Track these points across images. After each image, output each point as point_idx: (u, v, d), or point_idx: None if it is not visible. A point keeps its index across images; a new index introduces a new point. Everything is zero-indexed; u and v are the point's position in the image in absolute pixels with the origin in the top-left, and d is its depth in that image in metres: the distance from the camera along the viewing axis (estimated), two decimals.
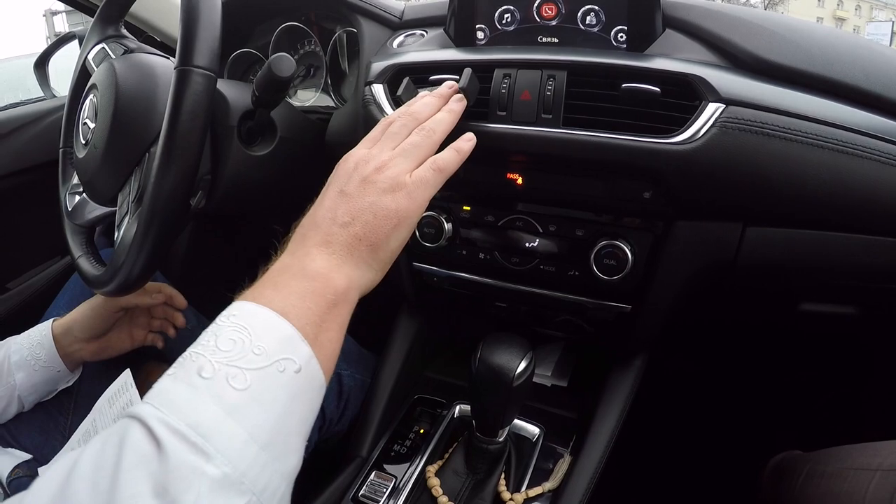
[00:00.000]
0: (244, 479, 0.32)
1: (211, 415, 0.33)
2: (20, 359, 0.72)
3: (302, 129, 0.75)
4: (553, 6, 0.66)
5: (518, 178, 0.62)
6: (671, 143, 0.54)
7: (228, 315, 0.38)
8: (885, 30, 20.47)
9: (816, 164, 0.55)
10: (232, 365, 0.34)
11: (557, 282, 0.66)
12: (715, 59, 0.61)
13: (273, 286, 0.40)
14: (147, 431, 0.31)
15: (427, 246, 0.69)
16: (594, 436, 0.68)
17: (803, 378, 1.08)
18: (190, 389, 0.33)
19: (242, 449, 0.33)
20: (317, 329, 0.39)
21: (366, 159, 0.46)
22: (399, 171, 0.45)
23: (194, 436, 0.31)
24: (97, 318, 0.75)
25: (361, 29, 0.78)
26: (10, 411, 0.74)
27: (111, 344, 0.78)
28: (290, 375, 0.36)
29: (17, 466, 0.69)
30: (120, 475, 0.30)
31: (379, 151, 0.47)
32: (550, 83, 0.58)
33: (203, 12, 0.56)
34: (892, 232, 0.58)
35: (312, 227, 0.44)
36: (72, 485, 0.30)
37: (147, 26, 1.06)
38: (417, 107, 0.51)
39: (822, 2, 31.02)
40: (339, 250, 0.43)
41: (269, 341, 0.36)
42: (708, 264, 0.63)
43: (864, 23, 28.07)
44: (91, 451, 0.32)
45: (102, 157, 0.64)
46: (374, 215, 0.44)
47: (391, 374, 0.78)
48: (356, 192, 0.45)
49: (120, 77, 0.64)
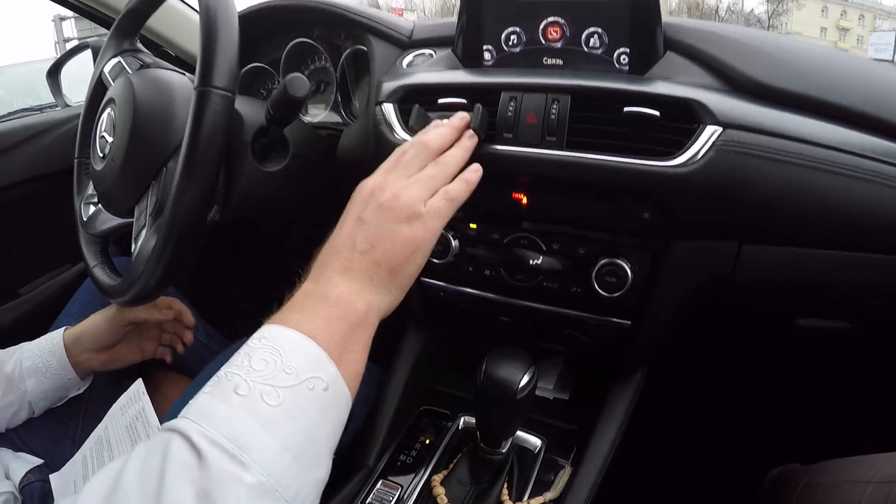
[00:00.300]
0: (278, 487, 0.35)
1: (247, 428, 0.35)
2: (32, 365, 0.74)
3: (313, 145, 0.77)
4: (558, 29, 0.67)
5: (523, 197, 0.64)
6: (669, 166, 0.56)
7: (260, 337, 0.41)
8: (889, 39, 20.44)
9: (812, 185, 0.57)
10: (266, 383, 0.37)
11: (560, 298, 0.68)
12: (714, 82, 0.63)
13: (300, 310, 0.43)
14: (188, 443, 0.34)
15: (435, 262, 0.71)
16: (594, 448, 0.69)
17: (802, 392, 1.09)
18: (227, 406, 0.36)
19: (276, 459, 0.35)
20: (341, 349, 0.42)
21: (381, 187, 0.48)
22: (415, 199, 0.47)
23: (232, 447, 0.34)
24: (107, 329, 0.77)
25: (371, 47, 0.80)
26: (21, 416, 0.75)
27: (121, 355, 0.80)
28: (318, 392, 0.39)
29: (30, 472, 0.70)
30: (165, 483, 0.32)
31: (394, 180, 0.49)
32: (555, 107, 0.60)
33: (222, 35, 0.58)
34: (887, 249, 0.59)
35: (333, 254, 0.46)
36: (120, 491, 0.32)
37: (162, 40, 1.08)
38: (431, 137, 0.53)
39: (825, 12, 31.04)
40: (359, 276, 0.45)
41: (298, 361, 0.39)
42: (705, 281, 0.64)
43: (867, 32, 28.08)
44: (135, 461, 0.34)
45: (120, 171, 0.66)
46: (393, 242, 0.46)
47: (398, 387, 0.80)
48: (374, 220, 0.46)
49: (138, 93, 0.66)
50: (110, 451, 0.70)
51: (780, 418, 1.08)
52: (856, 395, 1.05)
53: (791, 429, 1.06)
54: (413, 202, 0.47)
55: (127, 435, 0.70)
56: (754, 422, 1.09)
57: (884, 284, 0.62)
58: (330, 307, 0.43)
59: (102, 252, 0.78)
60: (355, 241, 0.46)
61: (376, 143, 0.69)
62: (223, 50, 0.58)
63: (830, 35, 31.49)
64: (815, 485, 0.75)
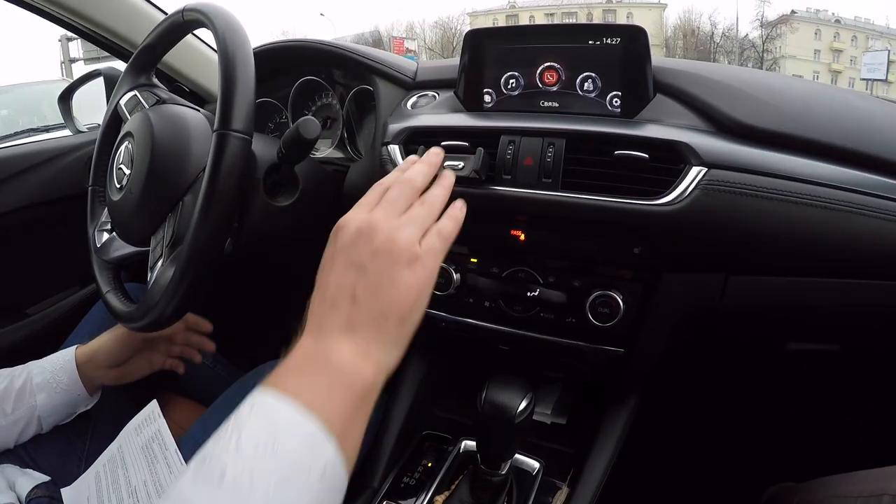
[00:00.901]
0: None
1: None
2: (42, 381, 0.75)
3: (322, 181, 0.80)
4: (554, 73, 0.71)
5: (521, 234, 0.68)
6: (657, 205, 0.60)
7: (252, 405, 0.36)
8: (882, 59, 20.71)
9: (794, 219, 0.60)
10: (255, 468, 0.33)
11: (556, 328, 0.71)
12: (701, 123, 0.66)
13: (298, 374, 0.38)
14: None
15: (437, 294, 0.74)
16: (590, 469, 0.71)
17: (798, 412, 1.11)
18: (210, 493, 0.32)
19: None
20: (344, 426, 0.37)
21: (371, 227, 0.44)
22: (412, 241, 0.44)
23: None
24: (120, 346, 0.78)
25: (377, 88, 0.84)
26: (29, 432, 0.76)
27: (131, 371, 0.80)
28: (314, 479, 0.34)
29: (37, 487, 0.70)
30: None
31: (384, 219, 0.44)
32: (550, 150, 0.64)
33: (240, 79, 0.61)
34: (869, 275, 0.62)
35: (330, 308, 0.41)
36: None
37: (177, 74, 1.11)
38: (411, 174, 0.50)
39: (818, 35, 31.46)
40: (365, 334, 0.40)
41: (293, 443, 0.34)
42: (693, 311, 0.68)
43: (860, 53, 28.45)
44: None
45: (138, 203, 0.69)
46: (397, 290, 0.42)
47: (401, 412, 0.82)
48: (373, 267, 0.42)
49: (156, 128, 0.68)
50: (125, 470, 0.72)
51: (776, 437, 1.10)
52: (850, 412, 1.06)
53: (787, 447, 1.07)
54: (411, 244, 0.44)
55: (143, 455, 0.72)
56: (750, 441, 1.11)
57: (870, 307, 0.65)
58: (333, 375, 0.38)
59: (115, 278, 0.80)
60: (355, 291, 0.41)
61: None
62: (241, 95, 0.61)
63: (824, 57, 31.85)
64: (807, 502, 0.78)
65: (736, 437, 1.12)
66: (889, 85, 21.55)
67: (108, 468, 0.74)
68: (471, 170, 0.59)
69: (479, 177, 0.61)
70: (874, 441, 0.97)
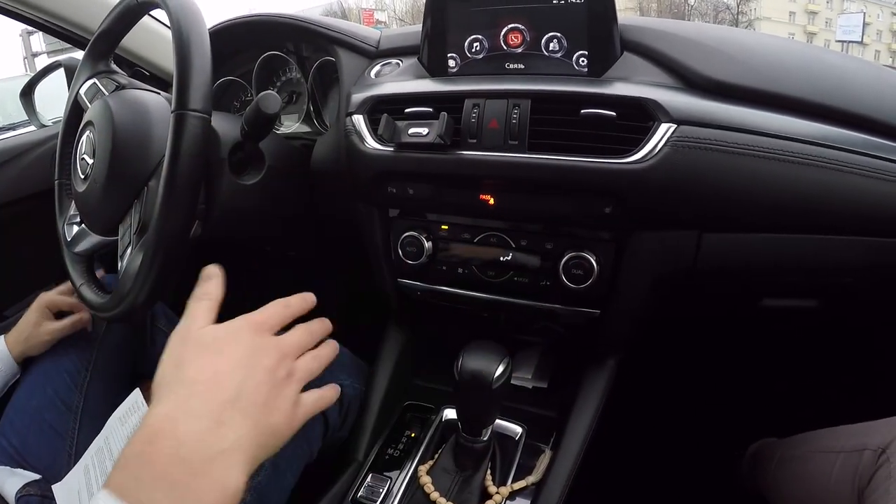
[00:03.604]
0: None
1: None
2: None
3: (288, 157, 0.79)
4: (518, 35, 0.70)
5: (490, 198, 0.67)
6: (627, 163, 0.59)
7: None
8: (857, 21, 20.72)
9: (765, 174, 0.60)
10: None
11: (531, 291, 0.71)
12: (670, 80, 0.65)
13: (161, 480, 0.35)
14: None
15: (410, 263, 0.73)
16: (572, 432, 0.72)
17: (779, 368, 1.13)
18: None
19: None
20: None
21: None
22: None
23: None
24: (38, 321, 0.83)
25: (340, 59, 0.82)
26: None
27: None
28: None
29: (27, 485, 0.71)
30: None
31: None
32: (516, 111, 0.63)
33: (195, 57, 0.60)
34: (842, 230, 0.63)
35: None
36: None
37: (136, 58, 1.08)
38: (287, 346, 0.45)
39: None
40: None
41: None
42: (668, 269, 0.68)
43: (835, 15, 28.45)
44: None
45: (102, 192, 0.68)
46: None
47: (382, 384, 0.82)
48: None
49: (116, 115, 0.67)
50: (113, 460, 0.72)
51: (757, 394, 1.11)
52: (831, 367, 1.08)
53: (770, 403, 1.09)
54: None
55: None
56: (732, 399, 1.13)
57: (844, 263, 0.65)
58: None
59: (88, 271, 0.79)
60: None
61: (348, 153, 0.71)
62: (197, 72, 0.60)
63: (799, 19, 31.82)
64: (790, 458, 0.79)
65: (718, 395, 1.14)
66: (864, 47, 21.58)
67: (97, 460, 0.74)
68: (435, 135, 0.59)
69: (443, 142, 0.60)
70: (856, 396, 0.99)
